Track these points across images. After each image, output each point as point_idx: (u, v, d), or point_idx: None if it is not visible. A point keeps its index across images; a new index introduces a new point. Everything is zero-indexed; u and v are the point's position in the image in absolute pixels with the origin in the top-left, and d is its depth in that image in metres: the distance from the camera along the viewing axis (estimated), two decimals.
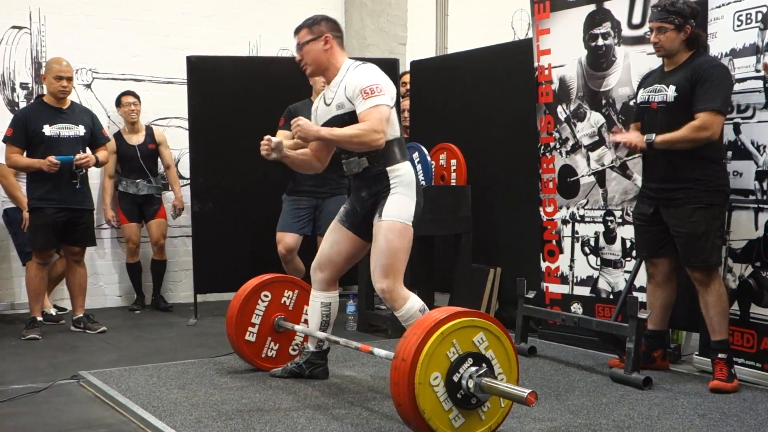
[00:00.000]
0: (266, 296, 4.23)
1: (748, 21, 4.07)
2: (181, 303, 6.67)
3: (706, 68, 3.83)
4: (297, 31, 3.76)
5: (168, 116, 6.80)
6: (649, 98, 4.02)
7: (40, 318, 5.46)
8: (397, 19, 7.38)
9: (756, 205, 4.00)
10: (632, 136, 4.01)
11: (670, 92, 3.89)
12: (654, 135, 3.89)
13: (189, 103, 5.99)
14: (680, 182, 3.90)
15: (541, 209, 5.17)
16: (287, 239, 5.39)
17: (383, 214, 3.56)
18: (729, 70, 3.96)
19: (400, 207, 3.57)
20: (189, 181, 6.24)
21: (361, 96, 3.49)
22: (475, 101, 5.96)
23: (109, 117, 6.58)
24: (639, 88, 4.19)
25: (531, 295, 4.79)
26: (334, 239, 3.86)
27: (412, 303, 3.59)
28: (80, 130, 5.39)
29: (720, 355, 3.89)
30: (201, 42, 6.75)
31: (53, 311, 5.95)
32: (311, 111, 3.92)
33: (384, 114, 3.50)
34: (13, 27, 6.28)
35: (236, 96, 6.05)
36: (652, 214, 4.07)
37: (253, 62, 6.65)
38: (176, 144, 6.66)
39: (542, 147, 5.17)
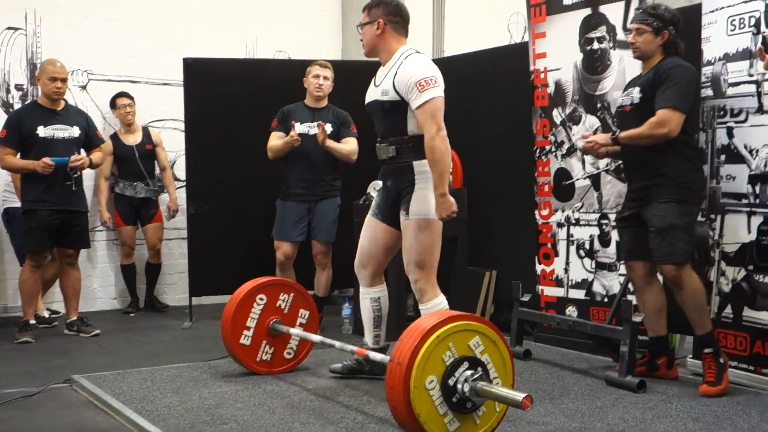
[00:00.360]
0: (261, 299, 4.22)
1: (741, 26, 4.09)
2: (176, 306, 6.66)
3: (666, 68, 3.89)
4: (362, 11, 3.82)
5: (164, 118, 6.79)
6: (622, 102, 4.10)
7: (33, 321, 5.44)
8: None
9: (749, 209, 4.01)
10: (597, 137, 4.14)
11: (636, 94, 3.97)
12: (618, 131, 3.99)
13: (185, 104, 6.00)
14: (652, 179, 3.95)
15: (536, 212, 5.18)
16: (285, 247, 5.40)
17: (410, 211, 3.63)
18: (692, 70, 3.96)
19: (425, 203, 3.62)
20: (185, 183, 6.23)
21: (416, 89, 3.52)
22: (471, 104, 5.96)
23: (104, 118, 6.58)
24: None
25: (526, 298, 4.80)
26: (371, 234, 3.91)
27: (439, 300, 3.69)
28: (75, 132, 5.39)
29: (706, 350, 3.89)
30: (198, 44, 6.74)
31: (46, 314, 5.93)
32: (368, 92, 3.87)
33: (438, 105, 3.55)
34: (9, 28, 6.27)
35: (233, 98, 6.05)
36: (629, 216, 4.10)
37: (249, 64, 6.66)
38: (172, 146, 6.66)
39: (538, 150, 5.17)
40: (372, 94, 3.80)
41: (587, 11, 4.87)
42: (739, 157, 4.08)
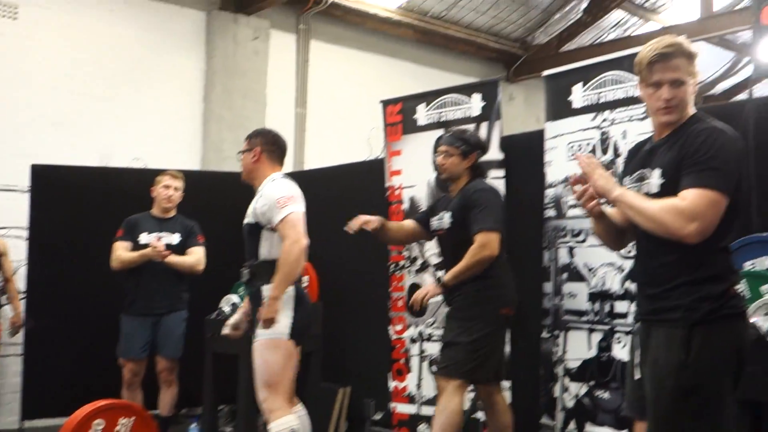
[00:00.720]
0: (99, 424, 3.99)
1: (580, 151, 4.33)
2: (7, 429, 6.11)
3: (472, 193, 4.03)
4: (245, 140, 4.10)
5: (7, 225, 6.44)
6: (436, 226, 4.20)
7: None
8: None
9: (589, 326, 4.16)
10: (429, 290, 4.05)
11: (447, 219, 4.09)
12: (444, 273, 3.99)
13: (31, 212, 5.74)
14: (453, 295, 4.04)
15: (390, 327, 5.18)
16: (131, 365, 5.16)
17: (257, 332, 3.71)
18: (496, 191, 4.14)
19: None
20: (25, 295, 5.87)
21: (277, 207, 3.74)
22: (329, 217, 5.95)
23: None
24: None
25: (378, 416, 4.74)
26: None
27: (284, 421, 3.66)
28: None
29: None
30: (48, 150, 6.48)
31: None
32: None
33: (296, 219, 3.76)
34: None
35: (83, 207, 5.84)
36: None
37: (102, 172, 6.43)
38: (14, 255, 6.26)
39: (392, 265, 5.22)
40: (245, 218, 3.94)
41: (440, 131, 5.04)
42: (579, 276, 4.25)
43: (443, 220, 4.11)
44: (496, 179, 4.79)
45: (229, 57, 7.63)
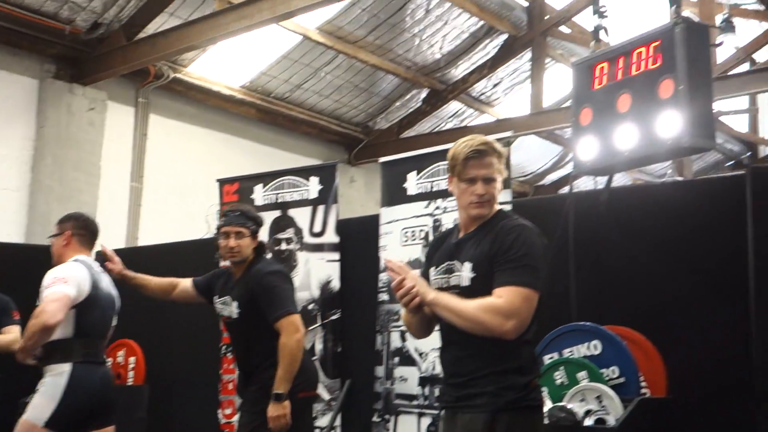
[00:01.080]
0: None
1: (413, 238, 4.45)
2: None
3: (262, 276, 3.72)
4: (55, 224, 3.97)
5: None
6: (221, 311, 3.87)
7: None
8: (87, 205, 7.14)
9: (419, 410, 4.21)
10: (275, 416, 3.57)
11: (234, 308, 3.76)
12: (278, 390, 3.57)
13: None
14: None
15: (219, 411, 5.03)
16: None
17: (24, 411, 3.60)
18: (286, 271, 3.96)
19: (35, 407, 3.59)
20: None
21: (45, 287, 3.59)
22: None
23: None
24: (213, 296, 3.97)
25: None
26: None
27: None
28: None
29: None
30: None
31: None
32: None
33: (52, 298, 3.53)
34: None
35: None
36: None
37: None
38: None
39: (224, 347, 5.10)
40: None
41: (277, 213, 5.07)
42: (410, 360, 4.31)
43: (231, 308, 3.77)
44: (331, 262, 4.84)
45: (62, 127, 7.36)
